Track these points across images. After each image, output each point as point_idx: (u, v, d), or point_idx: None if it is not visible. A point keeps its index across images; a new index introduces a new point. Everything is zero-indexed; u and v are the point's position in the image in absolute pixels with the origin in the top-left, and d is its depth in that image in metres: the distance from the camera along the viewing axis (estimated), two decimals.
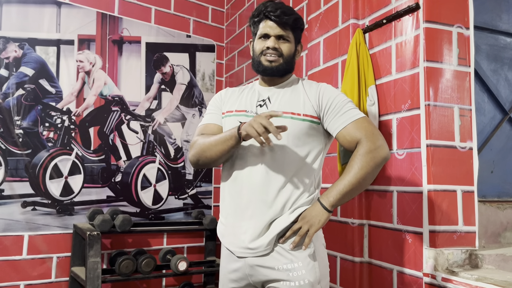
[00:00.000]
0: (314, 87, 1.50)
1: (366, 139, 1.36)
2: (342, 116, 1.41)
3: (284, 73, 1.52)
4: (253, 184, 1.43)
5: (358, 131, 1.38)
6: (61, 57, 3.00)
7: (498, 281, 1.49)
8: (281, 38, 1.48)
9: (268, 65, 1.48)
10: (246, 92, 1.59)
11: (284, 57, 1.48)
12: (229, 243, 1.48)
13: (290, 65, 1.52)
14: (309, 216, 1.37)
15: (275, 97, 1.51)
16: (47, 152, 2.88)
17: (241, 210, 1.44)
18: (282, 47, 1.48)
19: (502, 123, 2.18)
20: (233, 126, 1.44)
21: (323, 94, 1.46)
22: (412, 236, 1.80)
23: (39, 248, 2.79)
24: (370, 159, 1.34)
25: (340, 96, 1.46)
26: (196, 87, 3.57)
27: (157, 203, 3.28)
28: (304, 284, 1.37)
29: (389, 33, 1.97)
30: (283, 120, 1.41)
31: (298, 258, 1.40)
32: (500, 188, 2.14)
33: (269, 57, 1.47)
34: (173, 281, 3.22)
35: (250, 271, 1.43)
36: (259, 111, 1.49)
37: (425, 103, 1.76)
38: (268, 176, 1.42)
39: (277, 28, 1.46)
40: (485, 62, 2.17)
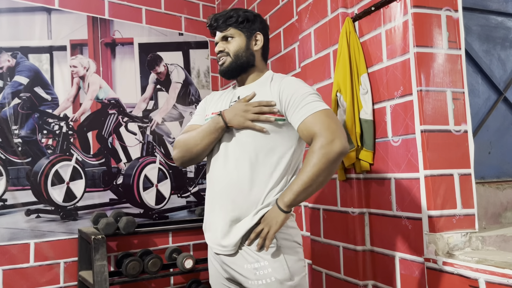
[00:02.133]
0: (277, 83, 1.50)
1: (320, 133, 1.32)
2: (301, 110, 1.39)
3: (240, 69, 1.55)
4: (222, 182, 1.48)
5: (315, 125, 1.34)
6: (54, 64, 3.00)
7: (498, 262, 1.49)
8: (225, 39, 1.55)
9: (220, 68, 1.56)
10: (225, 95, 1.64)
11: (231, 55, 1.53)
12: (207, 238, 1.56)
13: (243, 59, 1.54)
14: (268, 218, 1.39)
15: (244, 95, 1.54)
16: (47, 159, 2.90)
17: (213, 208, 1.51)
18: (228, 46, 1.54)
19: (497, 103, 2.17)
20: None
21: (283, 89, 1.46)
22: (411, 222, 1.80)
23: (45, 254, 2.82)
24: (322, 155, 1.30)
25: (301, 89, 1.43)
26: (191, 84, 3.57)
27: (160, 202, 3.30)
28: (271, 282, 1.38)
29: (378, 20, 1.96)
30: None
31: (264, 258, 1.41)
32: (498, 169, 2.14)
33: (219, 61, 1.56)
34: (181, 279, 3.25)
35: (225, 268, 1.49)
36: None
37: (417, 88, 1.76)
38: (236, 175, 1.45)
39: (218, 34, 1.57)
40: (477, 43, 2.16)
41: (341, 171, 2.09)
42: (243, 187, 1.44)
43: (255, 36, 1.57)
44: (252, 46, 1.56)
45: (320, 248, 2.29)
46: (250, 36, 1.55)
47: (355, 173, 2.06)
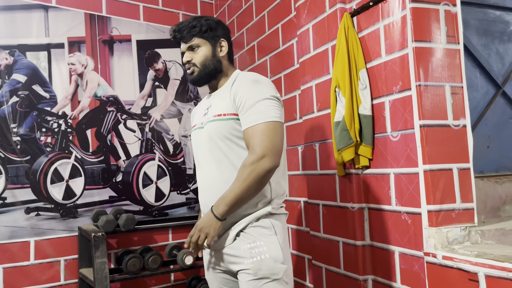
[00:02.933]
0: (236, 83, 1.56)
1: (253, 148, 1.45)
2: (248, 118, 1.49)
3: (209, 77, 1.61)
4: (208, 188, 1.57)
5: (252, 138, 1.46)
6: (52, 61, 3.00)
7: (497, 256, 1.50)
8: (190, 48, 1.60)
9: (190, 78, 1.63)
10: (202, 104, 1.71)
11: (197, 65, 1.59)
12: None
13: (211, 67, 1.60)
14: (205, 225, 1.47)
15: (214, 101, 1.61)
16: (46, 157, 2.90)
17: (203, 212, 1.64)
18: (194, 56, 1.59)
19: (496, 97, 2.17)
20: (192, 142, 1.69)
21: (236, 91, 1.52)
22: (411, 217, 1.81)
23: (46, 252, 2.82)
24: (251, 171, 1.43)
25: (252, 94, 1.50)
26: None
27: (160, 199, 3.30)
28: (265, 259, 1.47)
29: (377, 15, 1.96)
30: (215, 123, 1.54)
31: (260, 239, 1.50)
32: (497, 163, 2.14)
33: (188, 70, 1.62)
34: (181, 275, 3.26)
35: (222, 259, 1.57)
36: (203, 120, 1.61)
37: (416, 83, 1.76)
38: (217, 178, 1.53)
39: (182, 45, 1.61)
40: (475, 37, 2.16)
41: (340, 166, 2.09)
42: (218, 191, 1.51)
43: (219, 43, 1.62)
44: (218, 52, 1.62)
45: (319, 244, 2.30)
46: (214, 44, 1.61)
47: (354, 169, 2.06)
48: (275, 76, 2.82)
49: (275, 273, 1.47)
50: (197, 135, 1.63)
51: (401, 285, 1.87)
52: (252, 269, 1.46)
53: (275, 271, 1.47)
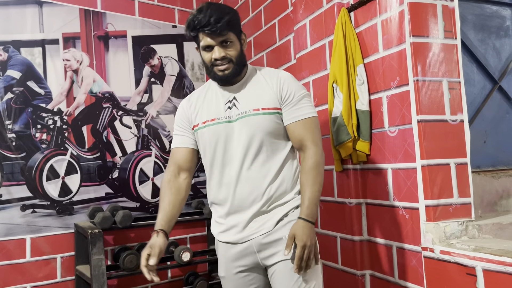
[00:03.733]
0: (274, 77, 1.54)
1: (315, 142, 1.49)
2: (297, 111, 1.49)
3: (239, 74, 1.54)
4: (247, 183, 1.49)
5: (306, 133, 1.49)
6: (47, 57, 2.97)
7: (495, 250, 1.51)
8: (224, 42, 1.47)
9: (222, 74, 1.49)
10: (209, 96, 1.59)
11: (234, 61, 1.49)
12: (230, 236, 1.53)
13: (242, 62, 1.54)
14: (306, 238, 1.40)
15: (241, 95, 1.54)
16: (42, 154, 2.88)
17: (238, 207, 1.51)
18: (229, 52, 1.48)
19: (493, 93, 2.18)
20: (209, 137, 1.52)
21: (283, 84, 1.51)
22: (408, 212, 1.81)
23: (42, 249, 2.80)
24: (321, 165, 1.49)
25: (298, 89, 1.52)
26: (186, 77, 3.55)
27: (156, 196, 3.29)
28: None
29: (374, 10, 1.95)
30: (256, 117, 1.48)
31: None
32: (494, 157, 2.16)
33: (220, 67, 1.48)
34: (179, 271, 3.25)
35: (258, 248, 1.49)
36: (229, 114, 1.52)
37: (414, 78, 1.76)
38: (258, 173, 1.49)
39: (216, 38, 1.45)
40: (472, 33, 2.16)
41: (338, 162, 2.09)
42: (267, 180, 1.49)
43: (242, 37, 1.55)
44: (243, 47, 1.55)
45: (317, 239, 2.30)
46: (239, 38, 1.53)
47: (352, 164, 2.06)
48: None
49: (317, 259, 1.47)
50: (223, 130, 1.51)
51: (398, 280, 1.87)
52: None
53: (317, 256, 1.47)
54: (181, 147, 1.62)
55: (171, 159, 1.64)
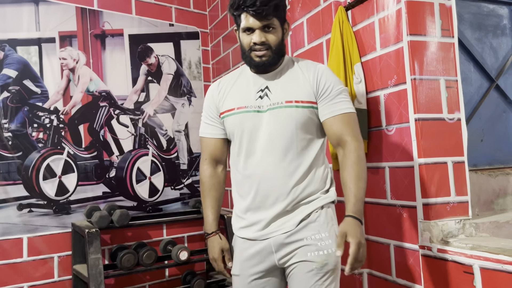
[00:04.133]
0: (311, 69, 1.47)
1: (355, 137, 1.41)
2: (335, 105, 1.42)
3: (277, 62, 1.47)
4: (271, 177, 1.43)
5: (346, 127, 1.41)
6: (43, 56, 2.96)
7: (492, 248, 1.51)
8: (266, 27, 1.40)
9: (259, 60, 1.43)
10: (240, 83, 1.53)
11: (273, 48, 1.42)
12: (251, 233, 1.48)
13: (281, 51, 1.46)
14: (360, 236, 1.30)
15: (274, 85, 1.47)
16: (38, 153, 2.87)
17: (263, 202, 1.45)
18: (269, 38, 1.41)
19: (490, 91, 2.19)
20: (236, 125, 1.47)
21: (320, 77, 1.44)
22: (406, 210, 1.81)
23: (39, 249, 2.80)
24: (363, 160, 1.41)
25: (336, 83, 1.46)
26: (183, 76, 3.54)
27: (154, 195, 3.29)
28: (332, 253, 1.40)
29: (371, 8, 1.95)
30: (288, 110, 1.42)
31: (325, 229, 1.43)
32: (491, 156, 2.16)
33: (258, 52, 1.42)
34: (176, 270, 3.25)
35: (277, 248, 1.44)
36: (259, 104, 1.46)
37: (411, 77, 1.76)
38: (284, 167, 1.43)
39: (260, 21, 1.38)
40: (469, 31, 2.17)
41: (336, 160, 2.09)
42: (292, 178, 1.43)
43: (285, 26, 1.48)
44: (284, 36, 1.48)
45: None
46: (282, 26, 1.45)
47: None
48: None
49: (338, 267, 1.43)
50: (251, 120, 1.45)
51: (396, 278, 1.88)
52: (319, 262, 1.39)
53: (339, 265, 1.43)
54: (212, 137, 1.57)
55: (205, 150, 1.60)
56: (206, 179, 1.59)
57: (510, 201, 2.10)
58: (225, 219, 3.09)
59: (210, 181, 1.58)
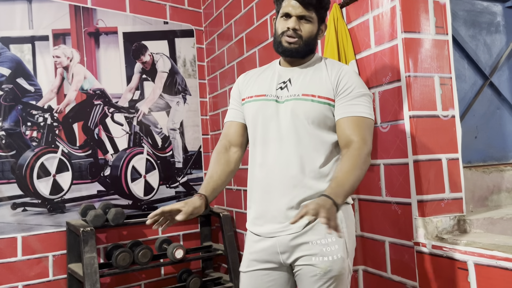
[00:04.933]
0: (336, 67, 1.47)
1: (365, 139, 1.37)
2: (352, 106, 1.40)
3: (304, 55, 1.48)
4: (279, 168, 1.42)
5: (357, 130, 1.38)
6: (37, 54, 2.94)
7: (486, 244, 1.52)
8: (303, 18, 1.42)
9: (287, 46, 1.44)
10: (266, 74, 1.55)
11: (303, 39, 1.44)
12: (258, 227, 1.47)
13: (311, 46, 1.47)
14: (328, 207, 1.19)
15: (296, 78, 1.47)
16: (32, 152, 2.85)
17: (270, 194, 1.44)
18: (303, 28, 1.43)
19: (483, 88, 2.19)
20: (253, 112, 1.49)
21: (343, 76, 1.43)
22: (401, 207, 1.82)
23: (33, 248, 2.79)
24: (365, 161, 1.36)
25: (359, 85, 1.43)
26: (178, 74, 3.53)
27: (149, 193, 3.28)
28: (337, 259, 1.38)
29: (366, 6, 1.95)
30: (303, 103, 1.41)
31: (331, 235, 1.38)
32: (485, 153, 2.17)
33: (288, 38, 1.43)
34: (172, 269, 3.25)
35: (283, 249, 1.42)
36: (279, 94, 1.47)
37: (406, 74, 1.76)
38: (293, 159, 1.41)
39: (299, 8, 1.41)
40: (463, 29, 2.17)
41: None
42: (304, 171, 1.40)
43: (322, 27, 1.49)
44: (318, 35, 1.49)
45: None
46: (319, 25, 1.47)
47: None
48: None
49: (344, 272, 1.40)
50: (268, 108, 1.46)
51: (391, 275, 1.88)
52: (323, 269, 1.37)
53: (344, 270, 1.40)
54: (233, 121, 1.59)
55: (223, 133, 1.62)
56: (214, 154, 1.59)
57: (504, 198, 2.11)
58: (221, 217, 3.09)
59: (217, 157, 1.57)
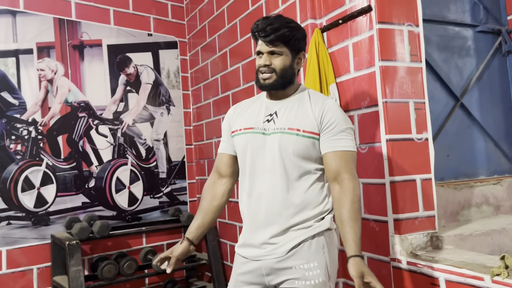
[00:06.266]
0: (320, 102, 1.54)
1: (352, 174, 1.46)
2: (337, 141, 1.48)
3: (281, 87, 1.55)
4: (265, 197, 1.51)
5: (345, 164, 1.46)
6: (21, 67, 2.95)
7: (456, 262, 1.64)
8: (274, 53, 1.51)
9: (263, 83, 1.53)
10: (254, 107, 1.63)
11: (277, 72, 1.51)
12: (245, 251, 1.57)
13: (287, 78, 1.54)
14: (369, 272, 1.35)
15: (282, 111, 1.55)
16: (17, 165, 2.86)
17: (257, 222, 1.53)
18: (274, 62, 1.51)
19: (455, 109, 2.33)
20: (242, 144, 1.57)
21: (326, 112, 1.51)
22: (378, 225, 1.93)
23: (18, 261, 2.80)
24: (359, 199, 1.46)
25: (342, 120, 1.51)
26: (162, 85, 3.58)
27: (133, 204, 3.32)
28: (318, 283, 1.46)
29: (346, 32, 2.05)
30: (289, 136, 1.49)
31: (314, 258, 1.48)
32: (456, 170, 2.30)
33: (262, 75, 1.53)
34: (156, 279, 3.30)
35: (268, 272, 1.50)
36: (265, 127, 1.54)
37: (383, 100, 1.87)
38: (279, 189, 1.49)
39: (267, 46, 1.50)
40: (436, 53, 2.30)
41: None
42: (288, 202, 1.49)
43: (299, 56, 1.56)
44: (295, 64, 1.56)
45: None
46: (295, 55, 1.54)
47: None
48: (247, 83, 2.88)
49: None
50: (255, 141, 1.54)
51: None
52: None
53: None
54: (223, 153, 1.69)
55: (214, 164, 1.72)
56: (203, 189, 1.72)
57: (474, 212, 2.25)
58: None
59: (204, 192, 1.71)
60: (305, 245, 1.49)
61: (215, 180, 1.70)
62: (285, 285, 1.49)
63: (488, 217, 2.26)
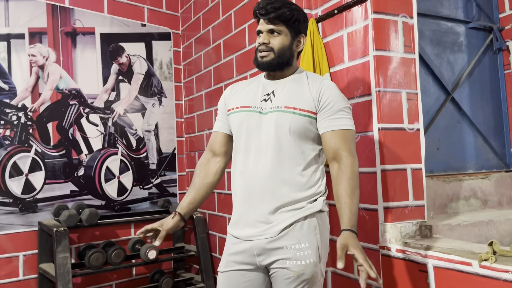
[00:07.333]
0: (318, 82, 1.54)
1: (351, 153, 1.47)
2: (335, 120, 1.49)
3: (279, 67, 1.55)
4: (259, 175, 1.50)
5: (343, 143, 1.47)
6: (12, 52, 2.92)
7: (444, 248, 1.66)
8: (273, 32, 1.52)
9: (260, 60, 1.54)
10: (251, 86, 1.63)
11: (275, 51, 1.52)
12: (238, 231, 1.56)
13: (285, 58, 1.54)
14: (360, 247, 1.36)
15: (279, 91, 1.55)
16: (5, 151, 2.83)
17: (250, 200, 1.53)
18: (272, 41, 1.52)
19: (446, 103, 2.36)
20: (237, 122, 1.57)
21: (324, 91, 1.51)
22: (368, 213, 1.94)
23: (4, 247, 2.76)
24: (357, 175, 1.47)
25: (339, 99, 1.52)
26: (154, 76, 3.56)
27: (122, 194, 3.30)
28: (309, 263, 1.47)
29: (341, 23, 2.07)
30: (286, 114, 1.49)
31: (306, 239, 1.49)
32: (445, 163, 2.33)
33: (260, 53, 1.53)
34: (144, 269, 3.28)
35: (259, 252, 1.51)
36: (263, 106, 1.55)
37: (376, 89, 1.89)
38: (273, 168, 1.49)
39: (267, 24, 1.52)
40: (429, 47, 2.33)
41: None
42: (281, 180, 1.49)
43: (299, 38, 1.57)
44: (294, 46, 1.56)
45: None
46: (295, 37, 1.55)
47: None
48: (241, 75, 2.89)
49: (316, 276, 1.49)
50: (252, 119, 1.54)
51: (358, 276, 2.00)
52: (296, 272, 1.46)
53: (316, 274, 1.48)
54: (218, 131, 1.69)
55: (208, 143, 1.72)
56: (196, 166, 1.72)
57: (462, 205, 2.28)
58: (194, 219, 3.15)
59: (197, 169, 1.70)
60: (297, 225, 1.49)
61: (209, 158, 1.70)
62: (276, 265, 1.50)
63: (476, 210, 2.29)
